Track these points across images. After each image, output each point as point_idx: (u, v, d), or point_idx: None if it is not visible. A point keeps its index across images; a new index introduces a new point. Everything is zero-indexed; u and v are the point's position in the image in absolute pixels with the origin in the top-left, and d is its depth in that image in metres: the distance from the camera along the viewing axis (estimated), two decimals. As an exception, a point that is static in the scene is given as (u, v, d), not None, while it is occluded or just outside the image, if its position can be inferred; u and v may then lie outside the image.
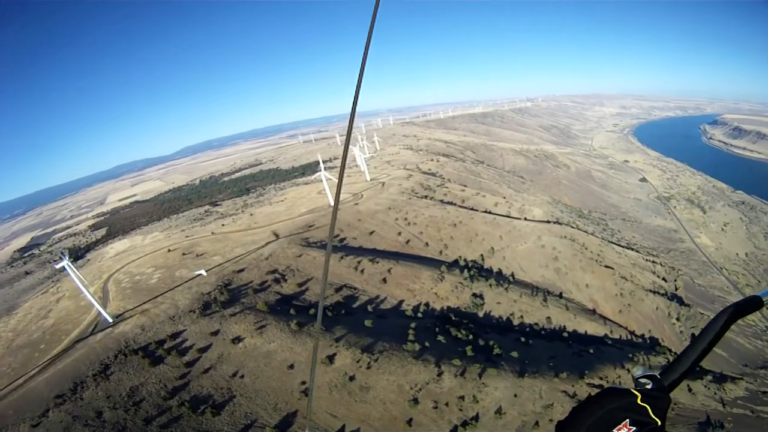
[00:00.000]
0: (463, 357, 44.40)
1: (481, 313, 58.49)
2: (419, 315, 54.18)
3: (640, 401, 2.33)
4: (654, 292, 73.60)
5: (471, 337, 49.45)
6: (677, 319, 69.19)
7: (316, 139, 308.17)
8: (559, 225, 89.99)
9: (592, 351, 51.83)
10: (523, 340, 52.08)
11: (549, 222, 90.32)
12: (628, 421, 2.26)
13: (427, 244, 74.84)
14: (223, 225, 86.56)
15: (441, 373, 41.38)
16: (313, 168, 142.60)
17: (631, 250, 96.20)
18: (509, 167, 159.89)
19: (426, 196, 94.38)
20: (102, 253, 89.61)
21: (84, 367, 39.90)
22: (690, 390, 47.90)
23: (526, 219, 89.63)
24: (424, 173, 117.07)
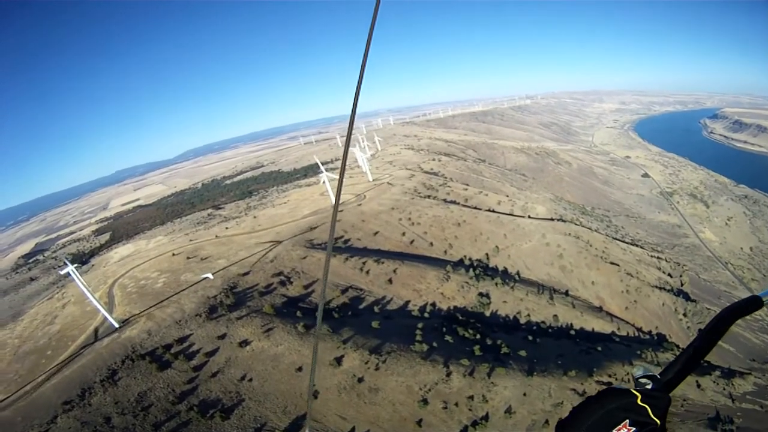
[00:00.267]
0: (471, 357, 44.32)
1: (487, 312, 58.34)
2: (426, 315, 54.08)
3: (639, 401, 2.38)
4: (660, 288, 73.36)
5: (478, 336, 49.37)
6: (684, 314, 68.92)
7: (316, 141, 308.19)
8: (563, 222, 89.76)
9: (599, 348, 51.72)
10: (530, 338, 51.99)
11: (553, 219, 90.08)
12: (627, 421, 2.31)
13: (431, 243, 74.67)
14: (226, 228, 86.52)
15: (449, 373, 41.28)
16: (314, 169, 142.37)
17: (636, 246, 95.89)
18: (511, 165, 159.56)
19: (429, 196, 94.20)
20: (106, 258, 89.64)
21: (91, 373, 39.92)
22: (699, 386, 47.64)
23: (529, 217, 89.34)
24: (426, 173, 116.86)
